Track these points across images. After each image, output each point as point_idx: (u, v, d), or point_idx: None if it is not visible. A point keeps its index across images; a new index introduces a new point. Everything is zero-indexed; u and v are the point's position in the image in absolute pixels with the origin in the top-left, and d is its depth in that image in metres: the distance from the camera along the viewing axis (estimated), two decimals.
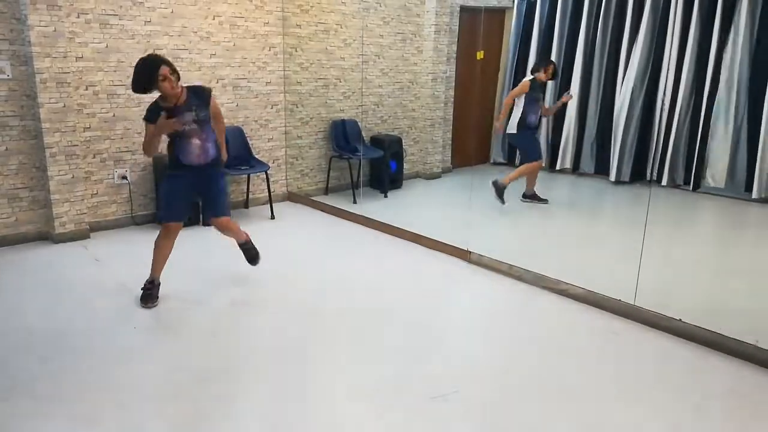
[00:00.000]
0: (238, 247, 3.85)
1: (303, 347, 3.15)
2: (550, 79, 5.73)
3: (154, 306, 3.54)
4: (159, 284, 3.63)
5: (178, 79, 3.32)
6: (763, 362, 2.96)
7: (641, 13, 6.43)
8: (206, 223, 3.69)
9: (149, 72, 3.22)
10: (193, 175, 3.48)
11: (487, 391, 2.76)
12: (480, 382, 2.83)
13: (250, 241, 3.87)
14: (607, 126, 6.75)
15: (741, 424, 2.56)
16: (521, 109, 5.57)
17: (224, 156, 3.71)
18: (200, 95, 3.45)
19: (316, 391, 2.75)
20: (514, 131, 5.67)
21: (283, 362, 3.01)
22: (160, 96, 3.36)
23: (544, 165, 5.98)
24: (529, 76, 5.68)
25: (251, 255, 3.87)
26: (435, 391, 2.73)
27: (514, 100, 5.63)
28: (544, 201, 5.85)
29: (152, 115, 3.34)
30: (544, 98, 5.83)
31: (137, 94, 3.69)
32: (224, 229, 3.70)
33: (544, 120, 7.18)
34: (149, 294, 3.57)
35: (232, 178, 5.42)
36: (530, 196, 5.90)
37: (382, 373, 2.90)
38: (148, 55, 3.42)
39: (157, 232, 3.59)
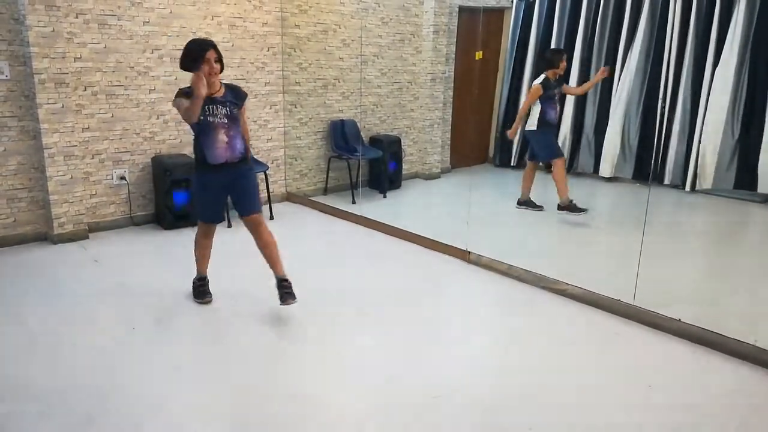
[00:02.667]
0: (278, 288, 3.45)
1: (302, 347, 3.15)
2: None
3: (209, 301, 3.61)
4: (208, 279, 3.67)
5: (221, 70, 3.27)
6: (762, 362, 2.97)
7: (639, 14, 6.44)
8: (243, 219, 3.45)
9: (198, 50, 3.17)
10: (223, 175, 3.35)
11: (487, 391, 2.76)
12: (479, 383, 2.83)
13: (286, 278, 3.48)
14: (605, 125, 6.75)
15: (741, 423, 2.56)
16: (539, 108, 5.38)
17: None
18: (237, 94, 3.40)
19: (315, 390, 2.75)
20: (534, 128, 5.45)
21: (282, 362, 3.00)
22: None
23: (540, 165, 5.80)
24: (540, 78, 5.44)
25: (284, 293, 3.43)
26: (434, 391, 2.73)
27: (528, 106, 5.46)
28: (539, 208, 5.67)
29: (185, 93, 3.22)
30: (561, 87, 5.61)
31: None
32: (259, 225, 3.42)
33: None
34: (202, 290, 3.63)
35: None
36: (524, 203, 5.72)
37: (381, 373, 2.89)
38: (199, 38, 3.37)
39: (158, 233, 3.59)
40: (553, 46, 7.10)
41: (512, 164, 7.50)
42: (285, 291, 3.39)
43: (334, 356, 3.07)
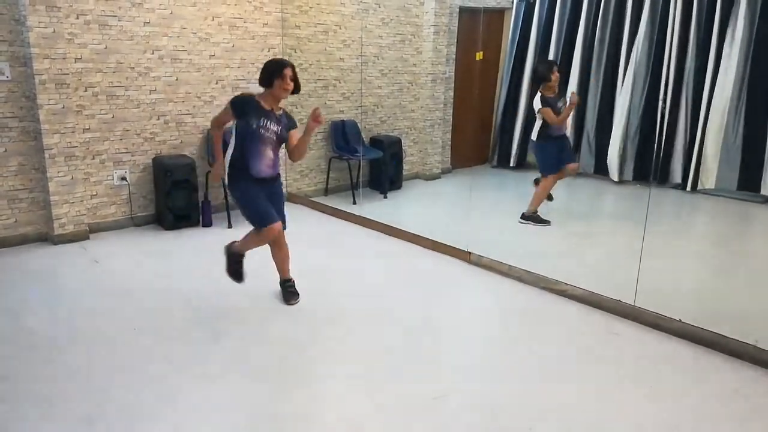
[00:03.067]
0: (280, 282, 3.72)
1: (302, 347, 3.15)
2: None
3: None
4: (293, 281, 3.70)
5: (295, 91, 3.37)
6: (762, 362, 2.96)
7: (640, 14, 6.43)
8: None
9: (278, 65, 3.30)
10: (263, 186, 3.41)
11: (487, 392, 2.76)
12: (480, 383, 2.83)
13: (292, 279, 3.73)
14: (607, 126, 6.74)
15: (741, 424, 2.56)
16: (541, 119, 5.26)
17: (312, 125, 3.47)
18: (291, 120, 3.49)
19: (315, 390, 2.75)
20: (534, 139, 5.36)
21: (281, 362, 3.00)
22: (264, 95, 3.36)
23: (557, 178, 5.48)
24: (538, 100, 5.22)
25: (287, 294, 3.68)
26: (435, 391, 2.73)
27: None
28: (546, 222, 5.39)
29: (240, 103, 3.34)
30: (563, 95, 5.38)
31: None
32: (282, 243, 3.58)
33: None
34: (291, 291, 3.66)
35: None
36: (530, 217, 5.43)
37: (382, 374, 2.89)
38: (279, 58, 3.62)
39: (159, 233, 3.59)
40: (552, 46, 7.10)
41: (511, 165, 7.50)
42: (289, 290, 3.65)
43: (334, 356, 3.07)
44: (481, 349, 3.20)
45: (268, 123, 3.32)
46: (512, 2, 7.52)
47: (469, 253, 4.42)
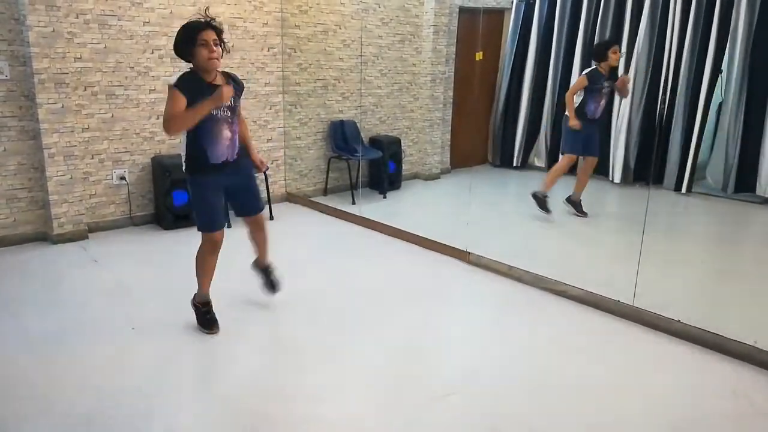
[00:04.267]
0: (259, 269, 3.52)
1: (302, 348, 3.15)
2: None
3: (217, 331, 3.21)
4: (210, 304, 3.29)
5: (224, 52, 2.89)
6: (761, 363, 2.97)
7: (640, 15, 6.44)
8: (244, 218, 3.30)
9: (191, 30, 2.81)
10: (224, 176, 3.06)
11: (487, 392, 2.75)
12: (479, 384, 2.83)
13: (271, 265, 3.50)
14: (607, 126, 6.75)
15: (740, 424, 2.57)
16: (581, 97, 5.23)
17: (256, 157, 3.35)
18: (238, 83, 3.07)
19: (314, 390, 2.75)
20: (569, 116, 5.28)
21: (282, 362, 3.00)
22: (194, 68, 2.91)
23: (574, 161, 5.43)
24: (588, 69, 5.25)
25: (270, 283, 3.49)
26: (434, 391, 2.73)
27: (573, 96, 5.25)
28: (547, 211, 5.41)
29: (185, 83, 2.81)
30: (614, 79, 5.28)
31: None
32: (262, 226, 3.35)
33: (545, 120, 7.21)
34: (209, 317, 3.24)
35: None
36: (537, 197, 5.46)
37: (380, 374, 2.89)
38: (194, 19, 2.92)
39: (158, 233, 3.57)
40: (553, 47, 7.11)
41: (513, 165, 7.51)
42: (271, 277, 3.49)
43: (334, 356, 3.07)
44: (479, 349, 3.20)
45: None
46: (512, 2, 7.53)
47: (469, 253, 4.42)
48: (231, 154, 3.05)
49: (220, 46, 2.87)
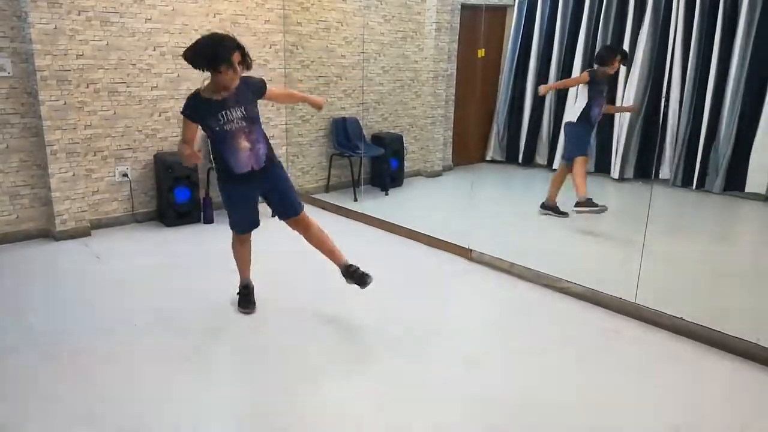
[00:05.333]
0: (346, 277, 3.32)
1: (303, 345, 3.15)
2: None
3: (252, 311, 3.41)
4: (252, 286, 3.49)
5: (248, 68, 2.90)
6: (764, 360, 2.96)
7: (643, 13, 6.42)
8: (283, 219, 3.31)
9: (225, 48, 2.77)
10: (254, 183, 3.10)
11: (488, 390, 2.75)
12: (480, 381, 2.83)
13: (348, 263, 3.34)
14: (609, 124, 6.74)
15: (742, 422, 2.56)
16: (586, 100, 5.11)
17: (316, 100, 3.38)
18: (253, 86, 3.04)
19: (315, 389, 2.75)
20: (573, 120, 5.22)
21: (282, 361, 3.01)
22: (208, 84, 2.93)
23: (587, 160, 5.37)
24: (592, 67, 5.21)
25: (358, 277, 3.28)
26: (436, 390, 2.73)
27: (569, 88, 5.22)
28: (564, 214, 5.37)
29: (192, 110, 2.92)
30: (609, 90, 5.29)
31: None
32: (308, 226, 3.29)
33: (546, 117, 7.20)
34: (247, 299, 3.45)
35: None
36: (550, 207, 5.45)
37: (382, 372, 2.90)
38: (223, 33, 2.88)
39: (160, 230, 3.58)
40: (555, 43, 7.08)
41: (517, 162, 7.50)
42: (358, 274, 3.24)
43: (334, 354, 3.07)
44: (481, 346, 3.19)
45: (228, 114, 2.91)
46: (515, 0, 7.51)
47: (470, 250, 4.42)
48: (256, 163, 3.06)
49: (244, 62, 2.88)
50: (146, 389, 2.69)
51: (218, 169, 3.15)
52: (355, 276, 3.27)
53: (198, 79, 5.19)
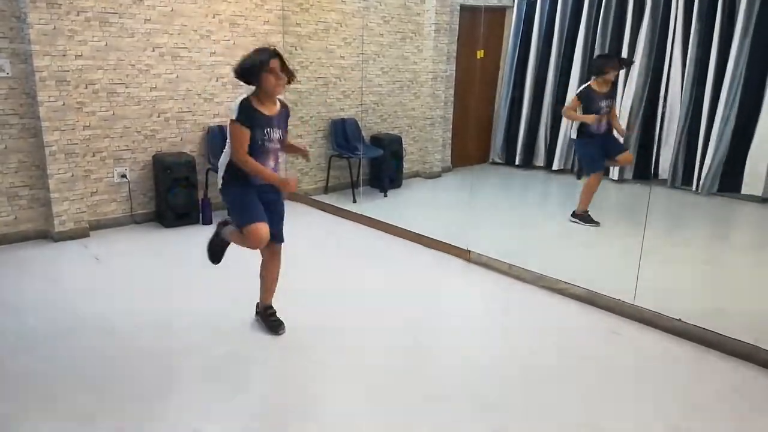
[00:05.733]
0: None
1: (302, 345, 3.15)
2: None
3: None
4: (274, 310, 3.30)
5: (289, 81, 2.93)
6: (762, 362, 2.97)
7: (642, 14, 6.42)
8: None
9: (263, 58, 2.83)
10: (261, 193, 3.05)
11: (487, 391, 2.75)
12: (480, 383, 2.83)
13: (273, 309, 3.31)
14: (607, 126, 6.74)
15: (740, 423, 2.57)
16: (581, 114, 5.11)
17: (298, 146, 3.34)
18: (288, 113, 3.11)
19: (314, 389, 2.75)
20: (575, 137, 5.26)
21: (282, 360, 3.01)
22: (255, 96, 2.92)
23: (602, 176, 5.33)
24: (580, 88, 5.17)
25: (271, 322, 3.26)
26: (435, 390, 2.73)
27: (572, 111, 5.14)
28: (596, 223, 5.25)
29: (246, 116, 2.86)
30: (614, 96, 5.16)
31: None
32: (277, 258, 3.25)
33: (545, 119, 7.20)
34: (275, 321, 3.25)
35: None
36: (580, 216, 5.31)
37: (381, 372, 2.89)
38: (262, 46, 2.99)
39: (159, 231, 3.56)
40: (554, 45, 7.09)
41: (515, 164, 7.51)
42: (273, 320, 3.25)
43: (335, 356, 3.07)
44: (480, 348, 3.19)
45: (272, 132, 2.94)
46: (514, 1, 7.52)
47: (469, 251, 4.42)
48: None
49: (285, 70, 2.90)
50: (146, 390, 2.68)
51: (230, 178, 3.02)
52: (269, 321, 3.26)
53: (195, 81, 5.25)
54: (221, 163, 3.05)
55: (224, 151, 3.04)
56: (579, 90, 5.20)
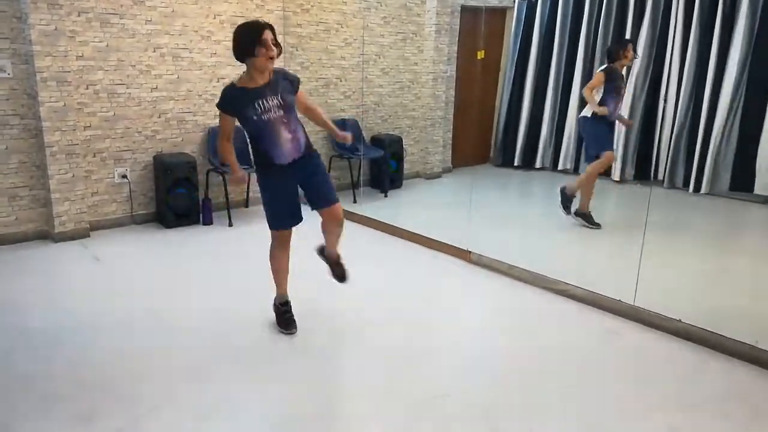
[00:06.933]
0: (326, 261, 3.46)
1: (303, 346, 3.15)
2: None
3: (295, 331, 3.22)
4: (290, 303, 3.31)
5: (280, 53, 2.89)
6: (762, 363, 2.96)
7: (642, 14, 6.42)
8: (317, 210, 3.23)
9: (255, 30, 2.79)
10: (292, 172, 3.02)
11: (487, 391, 2.75)
12: (480, 382, 2.83)
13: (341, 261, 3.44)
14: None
15: (740, 424, 2.56)
16: (600, 96, 5.03)
17: (340, 134, 3.27)
18: (289, 78, 3.00)
19: (313, 390, 2.75)
20: (588, 115, 5.10)
21: (281, 362, 3.01)
22: (243, 74, 2.92)
23: (613, 158, 5.32)
24: (602, 66, 5.12)
25: (340, 273, 3.46)
26: (435, 390, 2.73)
27: (592, 91, 5.06)
28: (597, 226, 5.19)
29: (227, 102, 2.89)
30: (625, 85, 5.18)
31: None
32: (338, 218, 3.24)
33: (547, 120, 7.20)
34: (288, 317, 3.24)
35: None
36: (582, 215, 5.23)
37: (382, 373, 2.89)
38: (251, 20, 2.99)
39: (159, 231, 3.57)
40: (555, 45, 7.09)
41: (516, 164, 7.51)
42: (338, 271, 3.43)
43: (333, 355, 3.07)
44: (480, 348, 3.19)
45: (265, 102, 2.86)
46: (514, 1, 7.52)
47: (470, 252, 4.42)
48: (297, 152, 3.00)
49: (277, 45, 2.87)
50: (145, 391, 2.68)
51: (257, 163, 3.05)
52: (336, 268, 3.41)
53: (196, 81, 5.26)
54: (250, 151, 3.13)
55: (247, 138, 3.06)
56: (604, 66, 5.10)
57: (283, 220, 3.12)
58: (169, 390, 2.70)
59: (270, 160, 2.96)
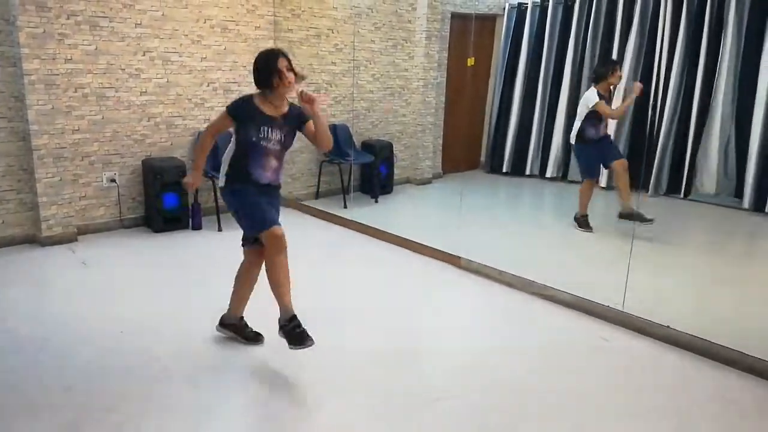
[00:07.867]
0: (283, 331, 2.90)
1: (293, 352, 3.12)
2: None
3: (312, 343, 2.81)
4: (295, 317, 2.90)
5: (299, 79, 2.92)
6: (751, 369, 2.98)
7: (631, 21, 6.49)
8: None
9: (272, 60, 2.84)
10: (263, 190, 2.96)
11: (477, 396, 2.75)
12: (469, 388, 2.83)
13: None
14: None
15: (729, 429, 2.58)
16: (580, 120, 5.16)
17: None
18: (302, 114, 3.00)
19: (309, 393, 2.74)
20: (573, 142, 5.32)
21: (281, 364, 2.99)
22: (262, 96, 2.91)
23: (596, 184, 5.48)
24: (594, 93, 5.08)
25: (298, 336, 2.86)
26: (425, 396, 2.73)
27: (610, 110, 5.15)
28: (588, 229, 5.32)
29: (238, 111, 2.89)
30: (610, 100, 5.20)
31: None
32: (282, 243, 2.96)
33: (536, 127, 7.24)
34: (299, 333, 2.82)
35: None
36: (577, 220, 5.40)
37: (372, 378, 2.88)
38: (268, 48, 3.08)
39: (148, 236, 3.54)
40: (544, 53, 7.14)
41: (504, 171, 7.54)
42: (300, 331, 2.85)
43: (326, 359, 3.05)
44: (471, 354, 3.19)
45: (270, 132, 2.88)
46: (504, 9, 7.57)
47: (460, 257, 4.43)
48: (275, 179, 3.02)
49: (293, 72, 2.90)
50: (133, 398, 2.65)
51: (232, 175, 2.94)
52: (296, 332, 2.87)
53: (186, 85, 5.24)
54: (224, 158, 2.98)
55: (228, 147, 2.98)
56: (595, 95, 5.09)
57: (266, 217, 2.88)
58: (157, 396, 2.67)
59: (248, 175, 2.92)
